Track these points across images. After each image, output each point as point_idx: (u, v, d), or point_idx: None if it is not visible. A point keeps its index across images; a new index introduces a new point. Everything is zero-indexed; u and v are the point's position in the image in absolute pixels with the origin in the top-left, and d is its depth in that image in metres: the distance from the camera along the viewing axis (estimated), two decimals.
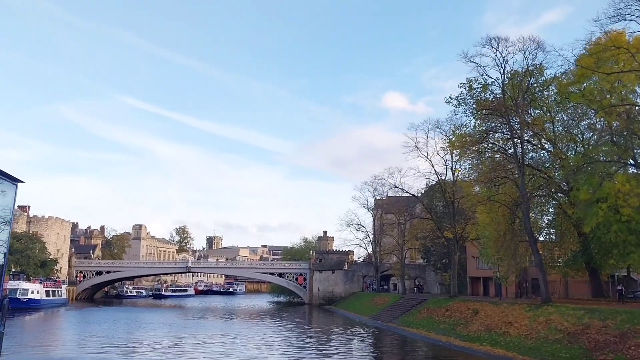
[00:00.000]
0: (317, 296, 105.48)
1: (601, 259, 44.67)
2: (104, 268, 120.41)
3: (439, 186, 69.20)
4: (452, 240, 57.98)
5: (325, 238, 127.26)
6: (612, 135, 42.68)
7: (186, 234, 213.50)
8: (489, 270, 67.34)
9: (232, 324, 64.03)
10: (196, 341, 43.70)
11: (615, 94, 39.86)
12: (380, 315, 64.28)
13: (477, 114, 46.45)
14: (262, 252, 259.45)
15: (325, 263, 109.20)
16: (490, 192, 43.78)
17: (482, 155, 47.62)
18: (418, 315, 55.23)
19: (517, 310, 40.63)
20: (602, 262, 44.63)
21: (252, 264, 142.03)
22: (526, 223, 40.96)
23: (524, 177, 41.45)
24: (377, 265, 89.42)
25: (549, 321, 35.32)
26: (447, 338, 42.90)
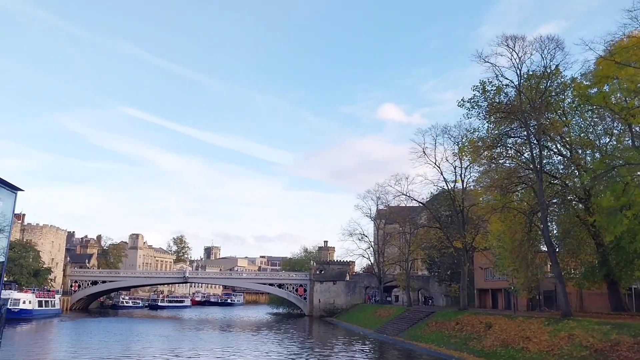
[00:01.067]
0: (317, 308, 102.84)
1: (622, 270, 42.49)
2: (99, 278, 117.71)
3: (446, 194, 67.15)
4: (461, 251, 55.64)
5: (326, 248, 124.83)
6: (633, 140, 40.63)
7: (184, 243, 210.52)
8: (498, 281, 65.11)
9: (229, 336, 61.49)
10: (192, 355, 41.27)
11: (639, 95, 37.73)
12: (385, 329, 61.79)
13: (491, 118, 44.35)
14: (260, 263, 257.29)
15: (326, 274, 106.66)
16: (505, 199, 41.60)
17: (495, 161, 45.43)
18: (426, 329, 52.79)
19: (534, 325, 38.26)
20: (622, 274, 42.42)
21: (250, 274, 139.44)
22: (545, 232, 38.74)
23: (541, 183, 39.25)
24: (381, 276, 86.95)
25: (572, 336, 32.97)
26: (460, 353, 40.48)
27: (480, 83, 43.70)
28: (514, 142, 44.27)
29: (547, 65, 40.71)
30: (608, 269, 42.53)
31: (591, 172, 38.32)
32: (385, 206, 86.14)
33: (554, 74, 42.22)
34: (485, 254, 57.06)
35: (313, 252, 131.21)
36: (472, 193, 49.64)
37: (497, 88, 43.25)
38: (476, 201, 57.38)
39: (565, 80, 43.31)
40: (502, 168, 45.31)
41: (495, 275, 63.40)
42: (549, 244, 38.49)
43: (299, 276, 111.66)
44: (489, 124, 45.20)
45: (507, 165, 45.51)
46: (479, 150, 44.71)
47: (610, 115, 44.94)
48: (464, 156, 50.21)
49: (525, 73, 42.08)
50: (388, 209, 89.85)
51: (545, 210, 39.20)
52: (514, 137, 43.49)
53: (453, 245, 56.91)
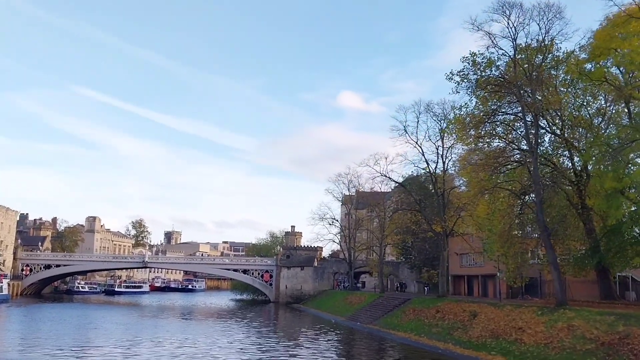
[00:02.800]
0: (284, 294, 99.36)
1: (614, 256, 40.21)
2: (53, 261, 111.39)
3: (422, 177, 64.26)
4: (441, 235, 52.76)
5: (293, 233, 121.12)
6: (630, 119, 38.19)
7: (143, 227, 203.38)
8: (474, 267, 62.80)
9: (191, 324, 57.46)
10: (151, 346, 37.21)
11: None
12: (358, 316, 58.74)
13: (479, 93, 41.21)
14: (223, 248, 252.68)
15: (294, 259, 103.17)
16: (497, 179, 38.73)
17: (483, 140, 42.39)
18: (403, 317, 49.87)
19: (526, 314, 35.57)
20: (615, 261, 40.15)
21: (214, 259, 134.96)
22: (539, 214, 35.96)
23: (536, 162, 36.45)
24: (351, 262, 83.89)
25: (572, 328, 30.30)
26: (444, 344, 37.57)
27: (471, 54, 40.55)
28: (503, 119, 41.36)
29: (544, 37, 37.78)
30: (600, 256, 40.24)
31: (590, 152, 35.65)
32: (356, 190, 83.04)
33: (549, 48, 39.34)
34: (465, 239, 54.43)
35: (280, 237, 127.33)
36: (459, 174, 46.45)
37: (489, 60, 40.13)
38: (458, 183, 54.72)
39: (559, 55, 40.53)
40: (490, 147, 42.40)
41: (475, 262, 61.00)
42: (543, 228, 35.75)
43: (265, 262, 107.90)
44: (477, 99, 42.06)
45: (496, 144, 42.64)
46: (466, 127, 41.64)
47: (605, 94, 42.56)
48: (449, 134, 47.16)
49: (520, 45, 39.14)
50: (357, 194, 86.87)
51: (541, 191, 36.42)
52: (504, 114, 40.55)
53: (433, 230, 54.02)
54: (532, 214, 39.65)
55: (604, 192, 35.29)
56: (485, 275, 60.14)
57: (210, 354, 34.98)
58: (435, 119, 51.93)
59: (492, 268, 56.87)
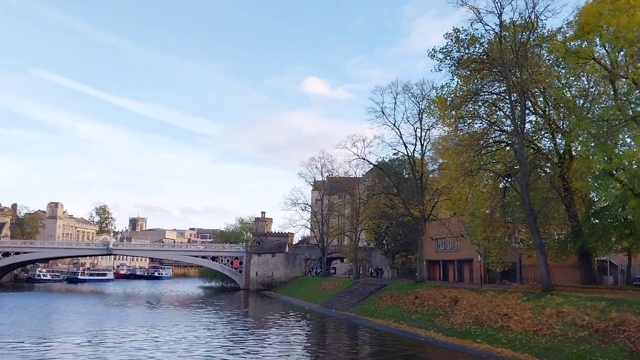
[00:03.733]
0: (254, 281, 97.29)
1: (597, 240, 39.44)
2: (12, 249, 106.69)
3: (396, 161, 62.84)
4: (419, 219, 51.36)
5: (263, 219, 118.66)
6: (616, 99, 37.14)
7: (107, 214, 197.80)
8: (450, 252, 61.86)
9: (157, 313, 54.91)
10: (115, 335, 34.84)
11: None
12: (332, 303, 57.18)
13: (463, 71, 39.60)
14: (190, 235, 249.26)
15: (265, 246, 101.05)
16: (481, 160, 37.36)
17: (464, 120, 40.92)
18: (380, 303, 48.47)
19: (511, 300, 34.47)
20: (599, 245, 39.40)
21: (182, 246, 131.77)
22: (524, 197, 34.71)
23: (522, 142, 35.15)
24: (324, 248, 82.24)
25: (561, 314, 29.20)
26: (426, 332, 36.23)
27: (454, 30, 38.79)
28: (486, 99, 39.92)
29: (530, 12, 36.35)
30: (583, 240, 39.38)
31: (576, 133, 34.44)
32: (329, 174, 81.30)
33: (534, 24, 37.93)
34: (443, 223, 53.21)
35: (249, 223, 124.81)
36: (439, 155, 44.68)
37: (472, 37, 38.53)
38: (436, 166, 53.39)
39: (544, 32, 39.19)
40: (471, 128, 41.00)
41: (452, 246, 60.03)
42: (529, 211, 34.53)
43: (234, 248, 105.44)
44: (459, 78, 40.48)
45: (478, 125, 41.24)
46: (448, 108, 40.06)
47: (587, 75, 41.53)
48: (429, 115, 45.54)
49: (505, 22, 37.66)
50: (329, 180, 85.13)
51: (526, 173, 35.18)
52: (488, 94, 39.11)
53: (411, 214, 52.58)
54: (516, 196, 38.41)
55: (592, 173, 34.35)
56: (461, 260, 59.29)
57: (178, 343, 32.92)
58: (413, 100, 50.45)
59: (469, 253, 56.06)
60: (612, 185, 30.94)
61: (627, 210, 31.18)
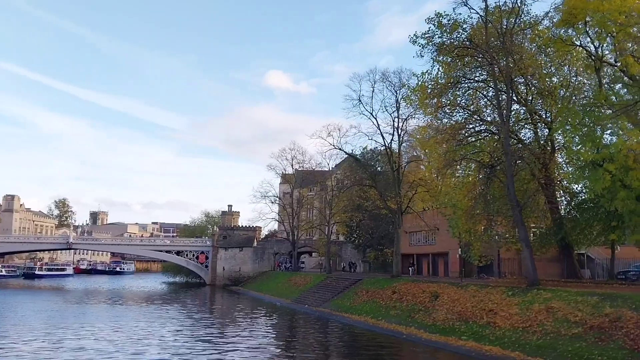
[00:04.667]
0: (221, 276, 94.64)
1: (580, 233, 38.58)
2: None
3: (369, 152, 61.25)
4: (395, 212, 49.78)
5: (230, 213, 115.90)
6: (601, 86, 36.18)
7: (67, 207, 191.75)
8: (424, 246, 60.77)
9: (119, 310, 52.02)
10: (75, 334, 32.16)
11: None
12: (305, 298, 55.29)
13: (445, 57, 38.08)
14: (152, 229, 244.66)
15: (232, 240, 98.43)
16: (460, 150, 35.94)
17: (443, 110, 39.39)
18: (356, 299, 46.80)
19: (495, 295, 33.12)
20: (582, 238, 38.54)
21: (145, 240, 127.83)
22: (510, 188, 33.42)
23: (508, 132, 33.86)
24: (295, 242, 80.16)
25: (551, 310, 27.92)
26: (407, 328, 34.67)
27: (436, 15, 37.18)
28: (469, 87, 38.55)
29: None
30: (564, 233, 38.46)
31: (564, 122, 33.31)
32: (300, 166, 79.18)
33: (520, 9, 36.66)
34: (418, 215, 51.85)
35: (215, 217, 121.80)
36: (418, 146, 42.97)
37: (455, 23, 37.01)
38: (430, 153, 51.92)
39: (527, 19, 37.99)
40: (452, 118, 39.57)
41: (426, 240, 58.90)
42: (514, 203, 33.24)
43: (200, 242, 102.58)
44: (439, 65, 38.92)
45: (460, 115, 39.80)
46: (429, 96, 38.53)
47: (569, 65, 40.50)
48: (409, 104, 43.85)
49: (490, 6, 36.26)
50: (297, 173, 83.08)
51: (512, 163, 33.92)
52: (472, 81, 37.72)
53: (388, 206, 51.00)
54: (499, 188, 37.16)
55: (578, 164, 33.27)
56: (435, 253, 58.24)
57: (141, 342, 30.59)
58: (391, 89, 48.75)
59: (444, 246, 55.06)
60: (602, 176, 29.79)
61: (615, 202, 30.06)
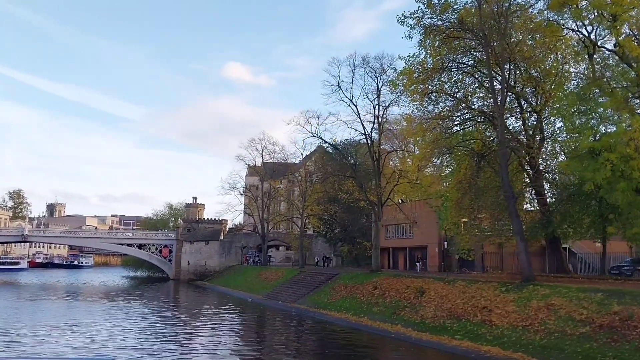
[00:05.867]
0: (186, 271, 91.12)
1: (570, 226, 37.25)
2: None
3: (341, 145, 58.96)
4: (375, 204, 47.58)
5: (195, 205, 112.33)
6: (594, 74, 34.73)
7: (22, 198, 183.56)
8: (401, 239, 59.03)
9: (77, 306, 48.46)
10: (26, 336, 28.92)
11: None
12: (277, 294, 52.72)
13: (431, 41, 36.03)
14: (112, 222, 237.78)
15: (197, 233, 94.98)
16: (454, 139, 34.00)
17: (429, 97, 37.38)
18: (333, 295, 44.52)
19: (487, 291, 31.33)
20: (572, 231, 37.21)
21: (104, 233, 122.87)
22: (504, 178, 31.60)
23: (503, 118, 32.03)
24: (264, 235, 77.36)
25: (552, 307, 26.20)
26: (393, 326, 32.56)
27: None
28: (462, 70, 36.59)
29: None
30: (553, 226, 37.02)
31: (561, 108, 31.68)
32: (271, 157, 76.44)
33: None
34: (398, 207, 49.95)
35: (179, 209, 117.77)
36: (405, 134, 40.65)
37: (446, 3, 34.98)
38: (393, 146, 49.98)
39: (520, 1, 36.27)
40: (441, 103, 37.58)
41: (404, 233, 57.11)
42: (509, 193, 31.42)
43: (163, 236, 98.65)
44: (425, 49, 36.83)
45: (449, 102, 37.81)
46: (416, 81, 36.46)
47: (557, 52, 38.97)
48: (393, 89, 41.68)
49: None
50: (269, 164, 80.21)
51: (506, 152, 32.10)
52: (464, 65, 35.79)
53: (367, 198, 48.82)
54: (489, 178, 35.40)
55: (576, 153, 31.72)
56: (413, 247, 56.52)
57: (100, 342, 27.67)
58: (372, 75, 46.43)
59: (423, 240, 53.35)
60: (603, 166, 28.21)
61: (615, 194, 28.57)
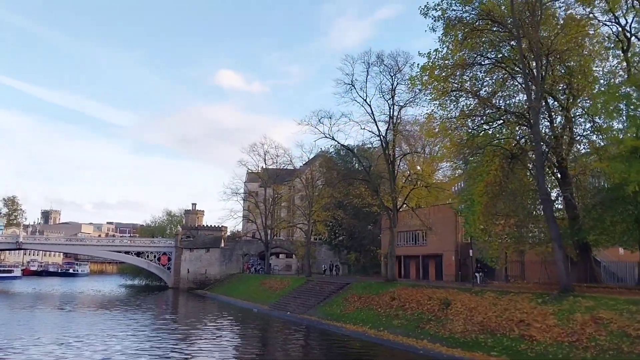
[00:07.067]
0: (185, 279, 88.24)
1: (602, 233, 34.75)
2: None
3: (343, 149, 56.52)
4: (391, 210, 45.12)
5: (194, 212, 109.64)
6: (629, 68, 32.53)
7: (16, 205, 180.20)
8: (413, 247, 56.58)
9: (72, 318, 45.69)
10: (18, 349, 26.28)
11: None
12: (284, 304, 50.10)
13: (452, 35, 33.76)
14: (107, 230, 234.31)
15: (197, 240, 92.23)
16: (487, 138, 31.67)
17: (453, 94, 35.03)
18: (347, 306, 41.94)
19: (521, 303, 28.84)
20: (603, 238, 34.72)
21: (101, 240, 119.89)
22: (540, 179, 29.26)
23: (538, 117, 29.69)
24: (268, 242, 74.78)
25: (600, 321, 23.76)
26: (418, 342, 30.00)
27: None
28: (485, 67, 34.29)
29: None
30: (584, 232, 34.57)
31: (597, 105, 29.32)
32: (273, 161, 74.01)
33: None
34: (414, 212, 47.56)
35: (178, 216, 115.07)
36: (426, 134, 38.08)
37: None
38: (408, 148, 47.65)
39: None
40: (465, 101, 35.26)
41: (417, 240, 54.68)
42: (545, 196, 29.06)
43: (162, 243, 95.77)
44: (449, 43, 34.54)
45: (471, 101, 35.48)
46: (438, 78, 34.15)
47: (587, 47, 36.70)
48: (412, 87, 39.27)
49: None
50: (261, 170, 77.77)
51: (541, 153, 29.74)
52: (491, 59, 33.49)
53: (382, 203, 46.40)
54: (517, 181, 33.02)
55: (617, 152, 29.34)
56: (426, 255, 54.07)
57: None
58: (386, 74, 44.10)
59: (438, 247, 50.94)
60: None
61: None
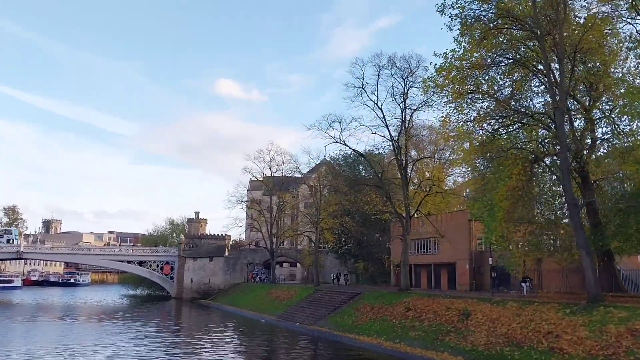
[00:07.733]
0: (189, 289, 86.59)
1: (626, 240, 33.40)
2: None
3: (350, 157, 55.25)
4: (404, 217, 43.73)
5: (197, 220, 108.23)
6: None
7: (17, 214, 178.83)
8: (423, 256, 55.17)
9: (72, 330, 44.15)
10: None
11: None
12: (293, 315, 48.63)
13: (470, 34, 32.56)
14: (109, 239, 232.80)
15: (201, 249, 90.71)
16: (510, 141, 30.39)
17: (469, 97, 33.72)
18: (359, 316, 40.49)
19: (548, 314, 27.39)
20: (628, 245, 33.38)
21: (103, 250, 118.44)
22: (566, 185, 27.92)
23: (563, 117, 28.42)
24: (274, 251, 73.37)
25: (637, 333, 22.38)
26: (438, 354, 28.61)
27: None
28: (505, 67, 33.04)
29: None
30: (607, 239, 33.21)
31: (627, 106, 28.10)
32: (279, 168, 72.74)
33: None
34: (428, 220, 46.23)
35: (181, 225, 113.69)
36: (443, 138, 36.53)
37: None
38: (462, 141, 46.23)
39: None
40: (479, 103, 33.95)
41: (428, 249, 53.30)
42: (572, 202, 27.72)
43: (165, 252, 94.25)
44: (467, 43, 33.30)
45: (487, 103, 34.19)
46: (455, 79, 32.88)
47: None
48: (426, 89, 37.90)
49: None
50: (264, 178, 76.48)
51: (567, 157, 28.41)
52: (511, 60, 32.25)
53: (395, 210, 45.06)
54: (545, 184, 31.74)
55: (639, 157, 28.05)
56: (439, 264, 52.63)
57: None
58: (397, 77, 42.92)
59: (451, 256, 49.61)
60: None
61: None
